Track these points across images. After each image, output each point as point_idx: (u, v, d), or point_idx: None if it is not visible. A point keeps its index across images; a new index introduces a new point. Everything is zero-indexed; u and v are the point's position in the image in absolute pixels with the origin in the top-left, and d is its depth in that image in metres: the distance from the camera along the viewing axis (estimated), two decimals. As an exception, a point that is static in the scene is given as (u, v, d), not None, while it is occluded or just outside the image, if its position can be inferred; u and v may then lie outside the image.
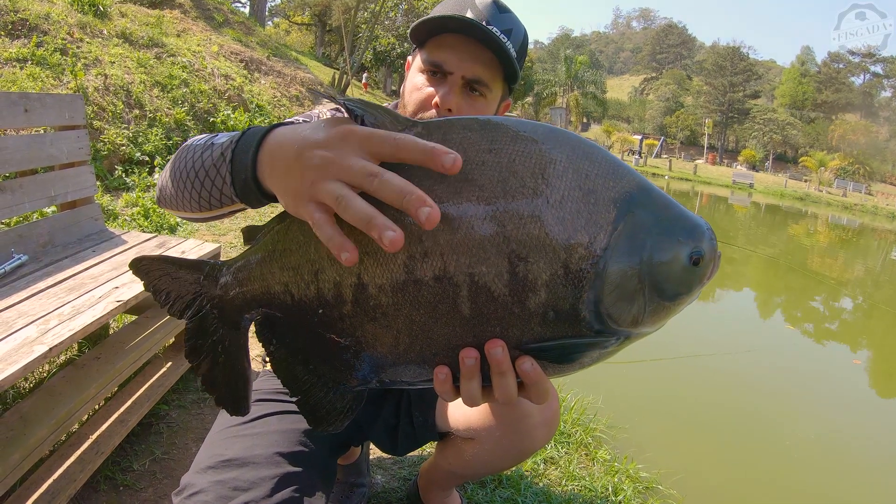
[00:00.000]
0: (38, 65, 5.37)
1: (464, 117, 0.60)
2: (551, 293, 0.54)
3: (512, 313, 0.55)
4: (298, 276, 0.62)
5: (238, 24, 13.39)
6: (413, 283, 0.56)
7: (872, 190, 48.80)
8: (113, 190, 4.95)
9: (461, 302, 0.55)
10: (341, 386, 0.64)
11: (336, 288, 0.59)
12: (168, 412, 2.15)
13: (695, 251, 0.57)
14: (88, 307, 1.66)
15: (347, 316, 0.60)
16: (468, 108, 1.12)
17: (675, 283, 0.57)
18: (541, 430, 1.26)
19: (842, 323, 7.87)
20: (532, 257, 0.54)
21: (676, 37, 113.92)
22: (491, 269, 0.54)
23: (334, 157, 0.54)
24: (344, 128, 0.56)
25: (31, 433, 1.47)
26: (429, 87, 1.12)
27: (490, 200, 0.54)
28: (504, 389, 0.59)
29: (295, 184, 0.57)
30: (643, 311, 0.57)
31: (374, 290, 0.57)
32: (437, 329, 0.57)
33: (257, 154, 0.64)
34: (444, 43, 1.11)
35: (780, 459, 3.45)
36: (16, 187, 2.07)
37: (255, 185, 0.65)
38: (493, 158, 0.55)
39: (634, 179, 0.57)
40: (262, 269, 0.65)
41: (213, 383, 0.71)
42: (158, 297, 0.72)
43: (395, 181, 0.51)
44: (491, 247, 0.54)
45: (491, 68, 1.10)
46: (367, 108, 0.59)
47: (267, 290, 0.65)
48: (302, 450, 1.07)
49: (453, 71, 1.10)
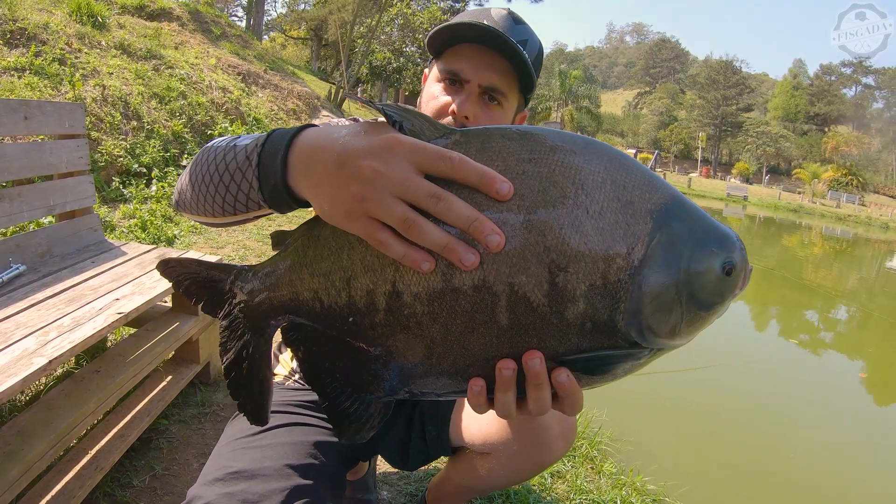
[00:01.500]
0: (36, 74, 5.34)
1: (502, 126, 0.59)
2: (589, 303, 0.54)
3: (550, 324, 0.54)
4: (329, 283, 0.61)
5: (235, 38, 13.42)
6: (450, 292, 0.55)
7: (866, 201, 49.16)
8: (110, 201, 4.91)
9: (499, 312, 0.54)
10: (368, 396, 0.62)
11: (369, 296, 0.58)
12: (168, 427, 2.10)
13: (727, 261, 0.57)
14: (88, 319, 1.62)
15: (379, 325, 0.58)
16: (485, 117, 1.12)
17: (709, 293, 0.57)
18: (559, 443, 1.23)
19: (840, 333, 7.90)
20: (572, 267, 0.53)
21: (669, 51, 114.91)
22: (531, 279, 0.53)
23: (386, 171, 0.53)
24: (389, 137, 0.55)
25: (29, 448, 1.43)
26: (446, 95, 1.13)
27: (530, 210, 0.54)
28: (540, 401, 0.57)
29: (339, 195, 0.56)
30: (680, 321, 0.56)
31: (409, 298, 0.56)
32: (473, 339, 0.56)
33: (287, 158, 0.62)
34: (461, 52, 1.12)
35: (785, 470, 3.45)
36: (14, 196, 2.04)
37: (286, 190, 0.63)
38: (533, 168, 0.55)
39: (668, 191, 0.57)
40: (291, 275, 0.64)
41: (237, 389, 0.69)
42: (187, 298, 0.71)
43: (461, 206, 0.52)
44: (531, 256, 0.53)
45: (507, 77, 1.11)
46: (406, 115, 0.58)
47: (295, 297, 0.63)
48: (312, 462, 1.04)
49: (470, 79, 1.10)
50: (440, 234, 0.53)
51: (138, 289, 1.88)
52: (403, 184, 0.53)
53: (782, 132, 68.05)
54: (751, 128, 68.96)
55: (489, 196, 0.53)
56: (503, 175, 0.54)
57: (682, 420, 3.97)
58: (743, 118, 71.86)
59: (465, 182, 0.54)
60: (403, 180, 0.53)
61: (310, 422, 1.14)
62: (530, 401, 0.58)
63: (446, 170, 0.53)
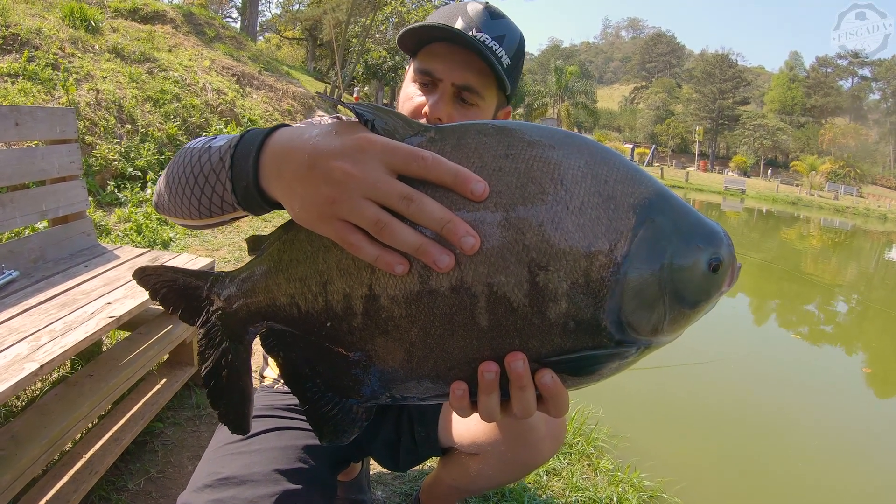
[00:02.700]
0: (29, 79, 5.34)
1: (478, 122, 0.58)
2: (572, 302, 0.52)
3: (532, 324, 0.53)
4: (305, 288, 0.60)
5: (229, 39, 13.40)
6: (428, 294, 0.54)
7: (864, 192, 49.18)
8: (105, 205, 4.91)
9: (479, 313, 0.53)
10: (349, 401, 0.62)
11: (346, 300, 0.57)
12: (163, 430, 2.11)
13: (713, 258, 0.56)
14: (81, 323, 1.62)
15: (357, 329, 0.58)
16: (460, 117, 1.09)
17: (694, 290, 0.56)
18: (547, 443, 1.23)
19: (840, 325, 7.87)
20: (552, 265, 0.52)
21: (665, 45, 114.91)
22: (510, 279, 0.52)
23: (357, 172, 0.52)
24: (361, 137, 0.54)
25: (22, 453, 1.43)
26: (420, 96, 1.10)
27: (508, 207, 0.52)
28: (524, 404, 0.56)
29: (310, 197, 0.55)
30: (663, 318, 0.55)
31: (386, 301, 0.55)
32: (453, 342, 0.55)
33: (259, 159, 0.62)
34: (434, 51, 1.09)
35: (784, 465, 3.43)
36: (6, 202, 2.04)
37: (258, 192, 0.62)
38: (510, 164, 0.54)
39: (652, 185, 0.56)
40: (268, 280, 0.63)
41: (216, 398, 0.69)
42: (164, 307, 0.70)
43: (433, 207, 0.51)
44: (510, 255, 0.52)
45: (482, 76, 1.08)
46: (378, 113, 0.57)
47: (272, 303, 0.63)
48: (301, 466, 1.04)
49: (442, 78, 1.08)
50: (413, 236, 0.51)
51: (131, 292, 1.89)
52: (375, 185, 0.52)
53: (779, 125, 68.11)
54: (748, 121, 68.99)
55: (464, 196, 0.52)
56: (479, 172, 0.53)
57: (680, 415, 3.96)
58: (740, 111, 71.91)
59: (438, 182, 0.52)
60: (375, 181, 0.52)
61: (299, 425, 1.14)
62: (514, 403, 0.57)
63: (419, 170, 0.52)
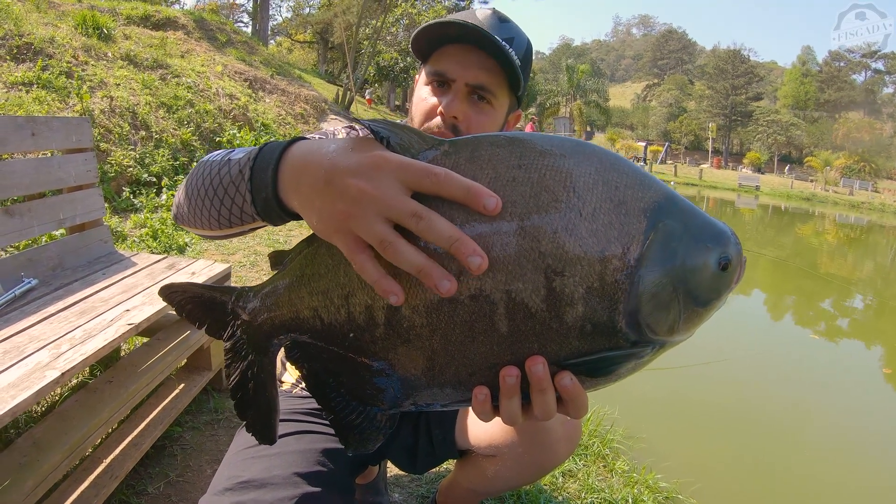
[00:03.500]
0: (43, 88, 5.42)
1: (490, 133, 0.60)
2: (588, 306, 0.54)
3: (550, 328, 0.54)
4: (328, 301, 0.61)
5: (241, 44, 13.50)
6: (448, 304, 0.55)
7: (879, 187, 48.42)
8: (121, 211, 4.97)
9: (498, 320, 0.55)
10: (373, 409, 0.63)
11: (368, 311, 0.59)
12: (182, 434, 2.13)
13: (723, 256, 0.57)
14: (100, 331, 1.64)
15: (380, 339, 0.59)
16: (475, 115, 1.10)
17: (706, 288, 0.57)
18: (563, 445, 1.23)
19: (856, 323, 7.77)
20: (568, 271, 0.53)
21: (677, 42, 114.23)
22: (528, 286, 0.53)
23: (371, 189, 0.54)
24: (376, 154, 0.55)
25: (44, 459, 1.45)
26: (433, 97, 1.12)
27: (523, 216, 0.54)
28: (544, 406, 0.58)
29: (327, 211, 0.56)
30: (678, 318, 0.57)
31: (407, 311, 0.56)
32: (474, 348, 0.56)
33: (277, 172, 0.63)
34: (446, 52, 1.10)
35: (800, 465, 3.40)
36: (24, 211, 2.07)
37: (277, 203, 0.64)
38: (523, 174, 0.55)
39: (661, 189, 0.57)
40: (291, 294, 0.64)
41: (243, 409, 0.70)
42: (190, 322, 0.72)
43: (442, 225, 0.52)
44: (527, 263, 0.53)
45: (495, 75, 1.09)
46: (393, 130, 0.58)
47: (296, 316, 0.64)
48: (321, 470, 1.05)
49: (456, 78, 1.09)
50: (415, 257, 0.52)
51: (148, 299, 1.91)
52: (387, 202, 0.53)
53: (793, 120, 67.40)
54: (761, 117, 68.39)
55: (477, 211, 0.53)
56: (494, 183, 0.54)
57: (696, 415, 3.94)
58: (753, 107, 71.26)
59: (451, 198, 0.54)
60: (388, 199, 0.53)
61: (317, 429, 1.15)
62: (535, 406, 0.58)
63: (432, 186, 0.53)
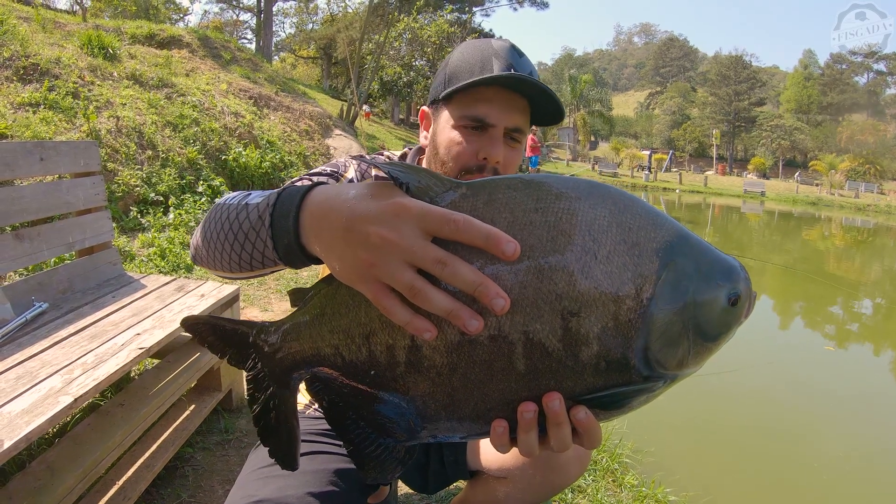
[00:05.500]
0: (50, 109, 5.47)
1: (506, 176, 0.62)
2: (602, 345, 0.56)
3: (566, 366, 0.57)
4: (349, 339, 0.63)
5: (245, 61, 13.60)
6: (468, 343, 0.57)
7: (885, 189, 48.13)
8: (129, 231, 5.01)
9: (516, 359, 0.57)
10: (392, 441, 0.65)
11: (389, 350, 0.60)
12: (193, 455, 2.14)
13: (732, 292, 0.59)
14: (111, 355, 1.66)
15: (400, 377, 0.61)
16: (511, 157, 1.13)
17: (716, 324, 0.59)
18: (574, 465, 1.24)
19: (868, 331, 7.67)
20: (584, 312, 0.55)
21: (678, 49, 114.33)
22: (545, 326, 0.55)
23: (393, 237, 0.55)
24: (396, 202, 0.57)
25: (58, 483, 1.47)
26: (469, 141, 1.11)
27: (541, 259, 0.55)
28: (560, 439, 0.60)
29: (349, 259, 0.58)
30: (688, 353, 0.59)
31: (428, 351, 0.58)
32: (492, 385, 0.58)
33: (298, 219, 0.65)
34: (483, 97, 1.09)
35: (809, 479, 3.36)
36: (34, 235, 2.10)
37: (300, 249, 0.65)
38: (540, 218, 0.57)
39: (673, 228, 0.59)
40: (311, 331, 0.66)
41: (265, 437, 0.72)
42: (213, 352, 0.74)
43: (465, 270, 0.54)
44: (544, 304, 0.55)
45: (525, 114, 1.13)
46: (411, 173, 0.60)
47: (317, 352, 0.66)
48: (333, 489, 1.07)
49: (496, 124, 1.09)
50: (445, 301, 0.54)
51: (158, 322, 1.93)
52: (411, 250, 0.55)
53: (796, 124, 67.19)
54: (764, 122, 68.20)
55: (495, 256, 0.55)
56: (511, 226, 0.56)
57: (705, 429, 3.91)
58: (756, 112, 71.10)
59: (471, 244, 0.55)
60: (411, 246, 0.55)
61: (330, 450, 1.16)
62: (552, 439, 0.60)
63: (451, 233, 0.55)
